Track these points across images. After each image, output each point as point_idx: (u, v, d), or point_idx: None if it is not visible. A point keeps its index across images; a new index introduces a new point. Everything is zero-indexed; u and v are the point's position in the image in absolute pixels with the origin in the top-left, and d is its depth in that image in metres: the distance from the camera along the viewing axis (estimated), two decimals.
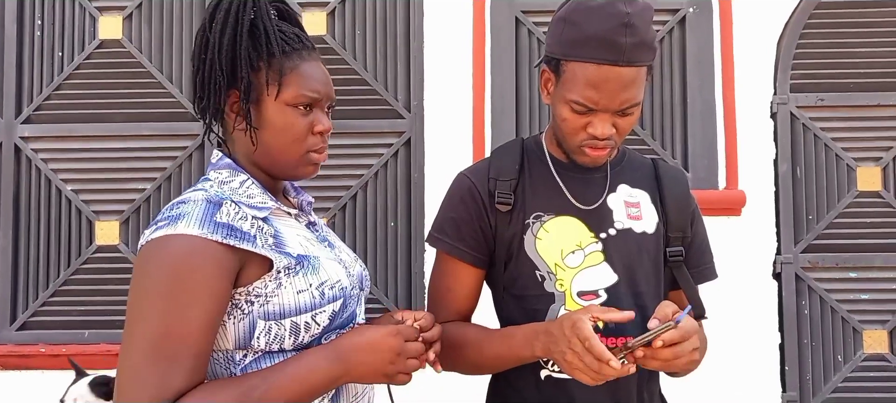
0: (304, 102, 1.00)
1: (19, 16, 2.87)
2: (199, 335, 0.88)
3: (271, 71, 0.98)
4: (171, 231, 0.90)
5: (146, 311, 0.87)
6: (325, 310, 0.98)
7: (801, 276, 2.77)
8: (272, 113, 0.99)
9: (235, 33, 0.98)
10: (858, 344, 2.77)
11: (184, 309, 0.87)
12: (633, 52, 1.06)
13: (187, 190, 1.01)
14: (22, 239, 2.84)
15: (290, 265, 0.96)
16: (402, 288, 2.80)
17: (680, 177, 1.26)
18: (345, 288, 1.01)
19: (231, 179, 1.00)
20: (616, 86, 1.07)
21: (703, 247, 1.26)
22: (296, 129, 0.99)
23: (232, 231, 0.92)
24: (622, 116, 1.09)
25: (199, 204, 0.93)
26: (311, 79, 1.00)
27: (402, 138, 2.81)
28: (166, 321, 0.86)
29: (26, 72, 2.87)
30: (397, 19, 2.85)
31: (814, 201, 2.80)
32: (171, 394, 0.85)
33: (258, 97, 0.99)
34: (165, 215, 0.93)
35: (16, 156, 2.84)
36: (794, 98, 2.80)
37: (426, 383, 2.76)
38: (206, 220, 0.91)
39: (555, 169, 1.19)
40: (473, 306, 1.24)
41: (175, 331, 0.86)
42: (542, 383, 1.15)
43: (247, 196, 0.98)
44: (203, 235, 0.89)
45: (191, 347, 0.87)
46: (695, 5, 2.82)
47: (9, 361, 2.74)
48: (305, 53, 1.02)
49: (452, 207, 1.21)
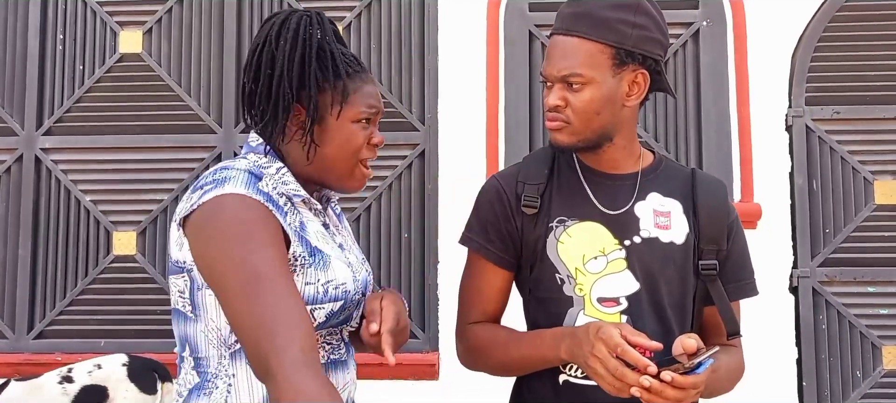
0: (365, 117, 1.07)
1: (42, 30, 2.93)
2: (283, 268, 0.94)
3: (336, 92, 1.05)
4: (220, 191, 0.95)
5: (233, 259, 0.92)
6: (325, 308, 1.01)
7: (819, 290, 2.74)
8: (335, 128, 1.06)
9: (304, 54, 1.04)
10: (877, 360, 2.74)
11: (263, 251, 0.93)
12: (571, 21, 1.10)
13: (225, 160, 1.07)
14: (41, 249, 2.88)
15: (304, 255, 1.00)
16: (416, 299, 2.80)
17: (717, 187, 1.23)
18: (347, 292, 1.04)
19: (268, 164, 1.05)
20: (557, 53, 1.12)
21: (741, 262, 1.22)
22: (356, 143, 1.07)
23: (270, 199, 0.98)
24: (572, 91, 1.11)
25: (242, 173, 0.99)
26: (371, 97, 1.09)
27: (417, 150, 2.83)
28: (252, 262, 0.92)
29: (48, 85, 2.93)
30: (412, 33, 2.88)
31: (831, 214, 2.77)
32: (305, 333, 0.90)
33: (322, 115, 1.05)
34: (210, 179, 0.98)
35: (36, 167, 2.89)
36: (809, 111, 2.79)
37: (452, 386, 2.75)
38: (251, 185, 0.98)
39: (583, 174, 1.19)
40: (501, 308, 1.24)
41: (265, 271, 0.91)
42: (561, 387, 1.15)
43: (282, 182, 1.03)
44: (249, 194, 0.96)
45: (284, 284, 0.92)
46: (708, 19, 2.82)
47: (26, 369, 2.77)
48: (364, 75, 1.09)
49: (481, 209, 1.23)
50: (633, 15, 1.10)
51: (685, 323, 1.18)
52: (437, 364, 2.71)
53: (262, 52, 1.05)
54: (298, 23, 1.05)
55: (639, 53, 1.11)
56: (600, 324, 1.03)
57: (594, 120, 1.12)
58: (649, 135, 2.81)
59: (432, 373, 2.71)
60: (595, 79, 1.10)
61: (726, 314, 1.17)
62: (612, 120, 1.14)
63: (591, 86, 1.10)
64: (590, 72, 1.10)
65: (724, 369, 1.14)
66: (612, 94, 1.12)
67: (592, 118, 1.12)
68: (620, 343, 0.98)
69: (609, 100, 1.12)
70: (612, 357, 0.98)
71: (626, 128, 1.17)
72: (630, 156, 1.20)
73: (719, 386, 1.15)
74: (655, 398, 0.97)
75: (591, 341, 1.01)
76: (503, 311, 1.25)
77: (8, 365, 2.73)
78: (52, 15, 2.94)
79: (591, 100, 1.11)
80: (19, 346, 2.82)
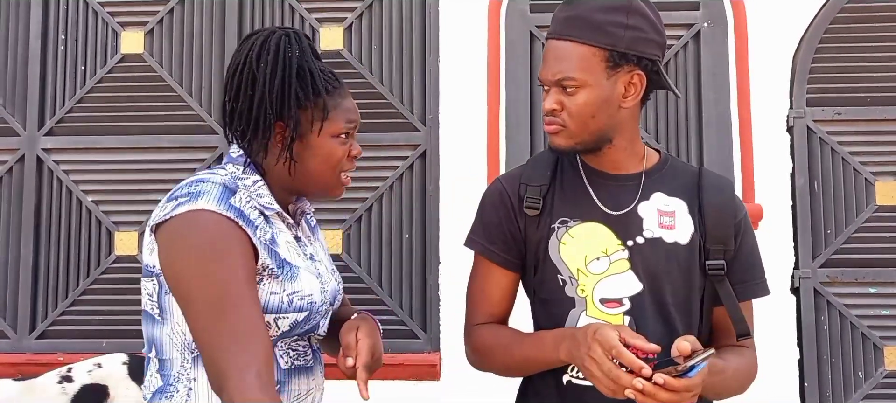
0: (345, 132, 1.12)
1: (43, 31, 2.94)
2: (249, 289, 0.96)
3: (316, 109, 1.08)
4: (193, 206, 0.98)
5: (201, 275, 0.95)
6: (289, 317, 1.04)
7: (820, 291, 2.74)
8: (316, 144, 1.09)
9: (285, 75, 1.06)
10: (879, 361, 2.73)
11: (231, 270, 0.96)
12: (564, 25, 1.11)
13: (202, 171, 1.10)
14: (43, 249, 2.88)
15: (272, 266, 1.02)
16: (417, 301, 2.80)
17: (724, 186, 1.22)
18: (313, 303, 1.07)
19: (246, 177, 1.08)
20: (551, 57, 1.13)
21: (749, 262, 1.22)
22: (337, 157, 1.11)
23: (241, 215, 1.01)
24: (567, 95, 1.11)
25: (217, 186, 1.02)
26: (350, 112, 1.13)
27: (418, 151, 2.83)
28: (219, 280, 0.94)
29: (50, 86, 2.93)
30: (413, 34, 2.88)
31: (832, 215, 2.77)
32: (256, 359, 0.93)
33: (304, 132, 1.08)
34: (185, 192, 1.01)
35: (38, 167, 2.89)
36: (810, 112, 2.79)
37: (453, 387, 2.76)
38: (223, 200, 1.00)
39: (586, 175, 1.19)
40: (507, 309, 1.25)
41: (232, 290, 0.94)
42: (564, 387, 1.15)
43: (257, 194, 1.06)
44: (220, 212, 0.98)
45: (247, 302, 0.96)
46: (709, 20, 2.82)
47: (28, 369, 2.77)
48: (342, 90, 1.13)
49: (485, 211, 1.24)
50: (626, 16, 1.10)
51: (690, 323, 1.17)
52: (438, 365, 2.71)
53: (243, 72, 1.07)
54: (278, 44, 1.07)
55: (633, 54, 1.11)
56: (598, 326, 1.03)
57: (590, 123, 1.13)
58: (650, 136, 2.81)
59: (433, 374, 2.71)
60: (588, 83, 1.10)
61: (735, 314, 1.17)
62: (609, 122, 1.14)
63: (586, 89, 1.11)
64: (583, 76, 1.10)
65: (732, 370, 1.14)
66: (608, 97, 1.12)
67: (588, 121, 1.12)
68: (616, 345, 0.98)
69: (604, 102, 1.12)
70: (608, 358, 0.98)
71: (626, 129, 1.17)
72: (633, 157, 1.20)
73: (727, 388, 1.14)
74: (649, 400, 0.97)
75: (588, 342, 1.01)
76: (509, 312, 1.25)
77: (10, 365, 2.73)
78: (53, 16, 2.95)
79: (586, 104, 1.11)
80: (21, 346, 2.82)
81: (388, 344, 2.74)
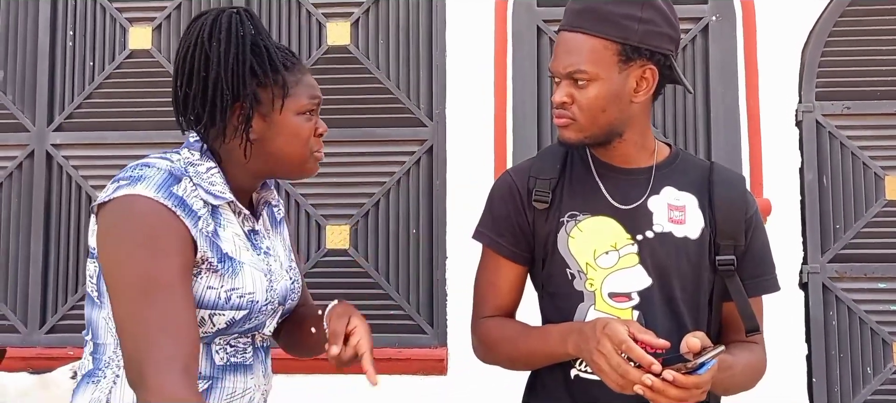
0: (309, 109, 1.07)
1: (52, 26, 2.95)
2: (180, 280, 0.93)
3: (276, 86, 1.03)
4: (131, 190, 0.95)
5: (129, 261, 0.92)
6: (225, 315, 1.00)
7: (829, 286, 2.73)
8: (280, 123, 1.05)
9: (238, 51, 1.02)
10: (888, 356, 2.72)
11: (161, 259, 0.93)
12: (576, 17, 1.10)
13: (155, 154, 1.05)
14: (52, 244, 2.90)
15: (212, 260, 0.99)
16: (424, 295, 2.81)
17: (735, 182, 1.21)
18: (255, 302, 1.03)
19: (199, 163, 1.04)
20: (562, 49, 1.12)
21: (760, 257, 1.21)
22: (304, 134, 1.06)
23: (181, 204, 0.97)
24: (578, 88, 1.10)
25: (162, 171, 0.98)
26: (312, 88, 1.08)
27: (425, 146, 2.83)
28: (147, 268, 0.91)
29: (58, 82, 2.94)
30: (420, 28, 2.88)
31: (841, 210, 2.76)
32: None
33: (266, 111, 1.04)
34: (127, 174, 0.98)
35: (47, 163, 2.91)
36: (819, 106, 2.77)
37: (460, 381, 2.76)
38: (164, 187, 0.96)
39: (596, 169, 1.19)
40: (515, 302, 1.24)
41: (161, 280, 0.91)
42: (571, 382, 1.15)
43: (209, 182, 1.02)
44: (157, 199, 0.95)
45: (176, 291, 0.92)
46: (718, 14, 2.80)
47: (38, 363, 2.79)
48: (301, 66, 1.09)
49: (493, 204, 1.23)
50: (640, 10, 1.09)
51: (699, 319, 1.17)
52: (445, 360, 2.71)
53: (195, 53, 1.03)
54: (229, 21, 1.03)
55: (646, 49, 1.10)
56: (607, 320, 1.03)
57: (600, 116, 1.12)
58: (658, 131, 2.80)
59: (441, 368, 2.71)
60: (600, 76, 1.09)
61: (744, 310, 1.16)
62: (620, 116, 1.13)
63: (597, 82, 1.10)
64: (595, 69, 1.09)
65: (741, 367, 1.13)
66: (619, 91, 1.11)
67: (598, 115, 1.11)
68: (626, 340, 0.97)
69: (616, 96, 1.11)
70: (617, 353, 0.98)
71: (637, 123, 1.16)
72: (643, 151, 1.19)
73: (736, 384, 1.14)
74: (659, 396, 0.96)
75: (597, 337, 1.01)
76: (517, 305, 1.25)
77: (20, 360, 2.76)
78: (61, 12, 2.96)
79: (597, 97, 1.10)
80: (32, 340, 2.84)
81: (396, 339, 2.76)
